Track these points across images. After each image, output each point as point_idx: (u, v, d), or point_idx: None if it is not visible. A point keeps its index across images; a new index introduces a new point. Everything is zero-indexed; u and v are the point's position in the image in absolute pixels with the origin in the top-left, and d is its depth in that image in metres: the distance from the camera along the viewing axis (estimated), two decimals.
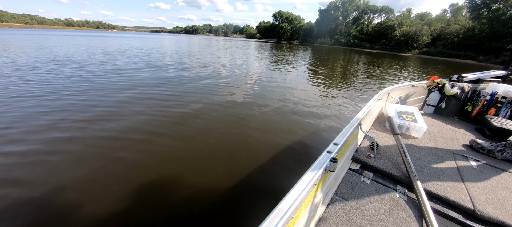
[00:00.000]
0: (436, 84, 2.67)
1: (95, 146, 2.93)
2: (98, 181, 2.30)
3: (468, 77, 2.75)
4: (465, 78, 2.74)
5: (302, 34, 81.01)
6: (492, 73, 2.91)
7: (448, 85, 2.55)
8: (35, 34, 37.35)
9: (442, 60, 34.77)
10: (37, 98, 4.69)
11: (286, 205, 0.77)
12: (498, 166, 1.51)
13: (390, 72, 13.47)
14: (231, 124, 3.89)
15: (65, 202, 2.00)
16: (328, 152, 1.12)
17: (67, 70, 7.78)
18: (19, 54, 11.34)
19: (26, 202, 1.99)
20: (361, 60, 20.48)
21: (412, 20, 53.15)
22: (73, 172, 2.40)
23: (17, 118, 3.62)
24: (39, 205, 1.96)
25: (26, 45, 16.67)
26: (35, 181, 2.24)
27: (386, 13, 61.31)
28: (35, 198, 2.03)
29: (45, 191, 2.11)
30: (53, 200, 2.01)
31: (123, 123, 3.64)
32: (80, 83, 6.05)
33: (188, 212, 1.98)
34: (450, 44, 42.06)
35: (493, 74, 2.90)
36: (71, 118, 3.71)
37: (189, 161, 2.74)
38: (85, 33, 70.68)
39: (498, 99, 2.32)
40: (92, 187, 2.21)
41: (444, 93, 2.57)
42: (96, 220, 1.84)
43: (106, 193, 2.13)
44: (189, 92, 5.78)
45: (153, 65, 9.97)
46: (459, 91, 2.51)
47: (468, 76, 2.76)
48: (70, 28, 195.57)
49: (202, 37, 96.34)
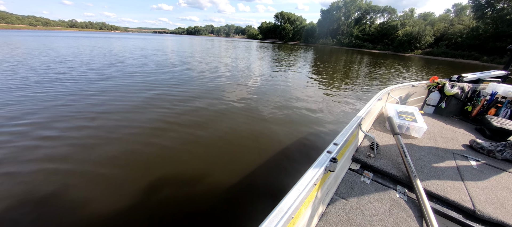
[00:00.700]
0: (436, 84, 2.68)
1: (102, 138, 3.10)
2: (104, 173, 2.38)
3: (468, 77, 2.76)
4: (465, 78, 2.75)
5: (304, 35, 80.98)
6: (492, 73, 2.91)
7: (448, 85, 2.56)
8: (40, 35, 37.82)
9: (446, 60, 34.49)
10: (58, 94, 4.93)
11: (286, 205, 0.77)
12: (498, 166, 1.50)
13: (392, 72, 13.41)
14: (231, 124, 3.90)
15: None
16: (328, 152, 1.13)
17: (79, 70, 7.90)
18: (29, 54, 11.53)
19: (70, 172, 2.40)
20: (363, 61, 20.41)
21: (415, 20, 52.85)
22: (94, 155, 2.71)
23: (42, 111, 4.03)
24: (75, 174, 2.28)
25: (35, 46, 16.91)
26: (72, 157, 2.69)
27: (388, 13, 61.03)
28: (72, 170, 2.46)
29: (80, 167, 2.53)
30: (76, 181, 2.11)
31: (118, 122, 3.68)
32: (97, 80, 6.21)
33: (188, 212, 1.97)
34: (453, 44, 41.72)
35: (493, 74, 2.91)
36: (88, 111, 3.97)
37: (189, 161, 2.74)
38: (89, 34, 71.36)
39: (498, 99, 2.32)
40: (97, 178, 2.28)
41: (444, 93, 2.57)
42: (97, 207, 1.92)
43: (106, 193, 2.17)
44: (189, 91, 5.82)
45: (157, 66, 10.06)
46: (459, 91, 2.52)
47: (468, 76, 2.76)
48: (74, 30, 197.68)
49: (204, 38, 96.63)
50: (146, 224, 1.86)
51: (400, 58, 31.24)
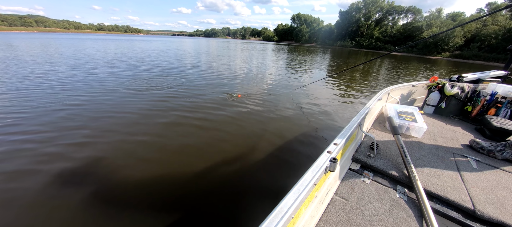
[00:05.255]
0: (436, 84, 2.67)
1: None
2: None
3: (468, 77, 2.77)
4: (465, 78, 2.77)
5: (321, 37, 79.46)
6: (492, 73, 2.88)
7: (448, 85, 2.55)
8: (73, 38, 41.32)
9: (477, 63, 31.76)
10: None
11: (286, 205, 0.77)
12: (498, 166, 1.49)
13: (419, 74, 12.58)
14: (231, 123, 3.92)
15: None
16: (328, 152, 1.13)
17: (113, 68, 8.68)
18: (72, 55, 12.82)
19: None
20: (383, 64, 19.56)
21: (442, 21, 49.47)
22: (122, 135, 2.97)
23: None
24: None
25: (80, 48, 18.70)
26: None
27: (413, 13, 57.77)
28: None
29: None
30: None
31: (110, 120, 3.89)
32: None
33: (188, 212, 1.97)
34: (487, 46, 38.33)
35: (493, 74, 2.88)
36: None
37: (188, 161, 2.73)
38: (115, 37, 76.45)
39: (498, 99, 2.31)
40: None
41: (444, 93, 2.57)
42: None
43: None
44: (192, 90, 6.05)
45: (174, 65, 10.58)
46: (459, 91, 2.51)
47: (468, 76, 2.78)
48: (101, 32, 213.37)
49: (221, 40, 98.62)
50: (145, 223, 1.86)
51: (426, 61, 29.35)
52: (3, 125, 3.53)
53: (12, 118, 3.81)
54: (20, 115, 3.95)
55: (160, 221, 1.88)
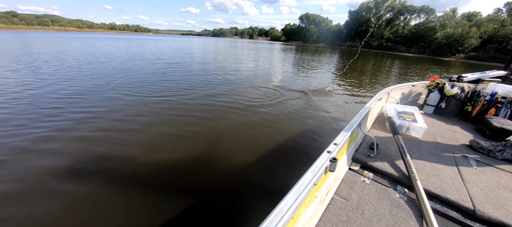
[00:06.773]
0: (436, 84, 2.67)
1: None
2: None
3: (468, 77, 2.77)
4: (465, 78, 2.77)
5: (329, 37, 78.48)
6: (492, 73, 2.86)
7: (448, 85, 2.55)
8: (86, 37, 42.74)
9: (494, 65, 30.36)
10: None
11: (286, 205, 0.78)
12: (498, 166, 1.49)
13: (429, 75, 12.31)
14: (231, 123, 3.92)
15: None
16: (328, 152, 1.13)
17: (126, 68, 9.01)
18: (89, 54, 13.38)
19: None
20: (393, 65, 19.08)
21: (457, 21, 47.73)
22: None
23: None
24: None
25: (98, 47, 19.39)
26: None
27: (426, 13, 56.11)
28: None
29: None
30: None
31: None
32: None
33: (188, 212, 1.97)
34: (505, 48, 36.66)
35: (493, 74, 2.86)
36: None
37: (188, 161, 2.73)
38: (126, 36, 78.62)
39: (498, 99, 2.30)
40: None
41: (444, 93, 2.57)
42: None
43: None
44: (193, 89, 6.14)
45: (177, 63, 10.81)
46: (459, 91, 2.51)
47: (468, 76, 2.78)
48: (113, 32, 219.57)
49: (228, 40, 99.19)
50: (145, 223, 1.87)
51: (439, 62, 28.38)
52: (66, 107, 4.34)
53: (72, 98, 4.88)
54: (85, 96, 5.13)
55: (160, 221, 1.88)
